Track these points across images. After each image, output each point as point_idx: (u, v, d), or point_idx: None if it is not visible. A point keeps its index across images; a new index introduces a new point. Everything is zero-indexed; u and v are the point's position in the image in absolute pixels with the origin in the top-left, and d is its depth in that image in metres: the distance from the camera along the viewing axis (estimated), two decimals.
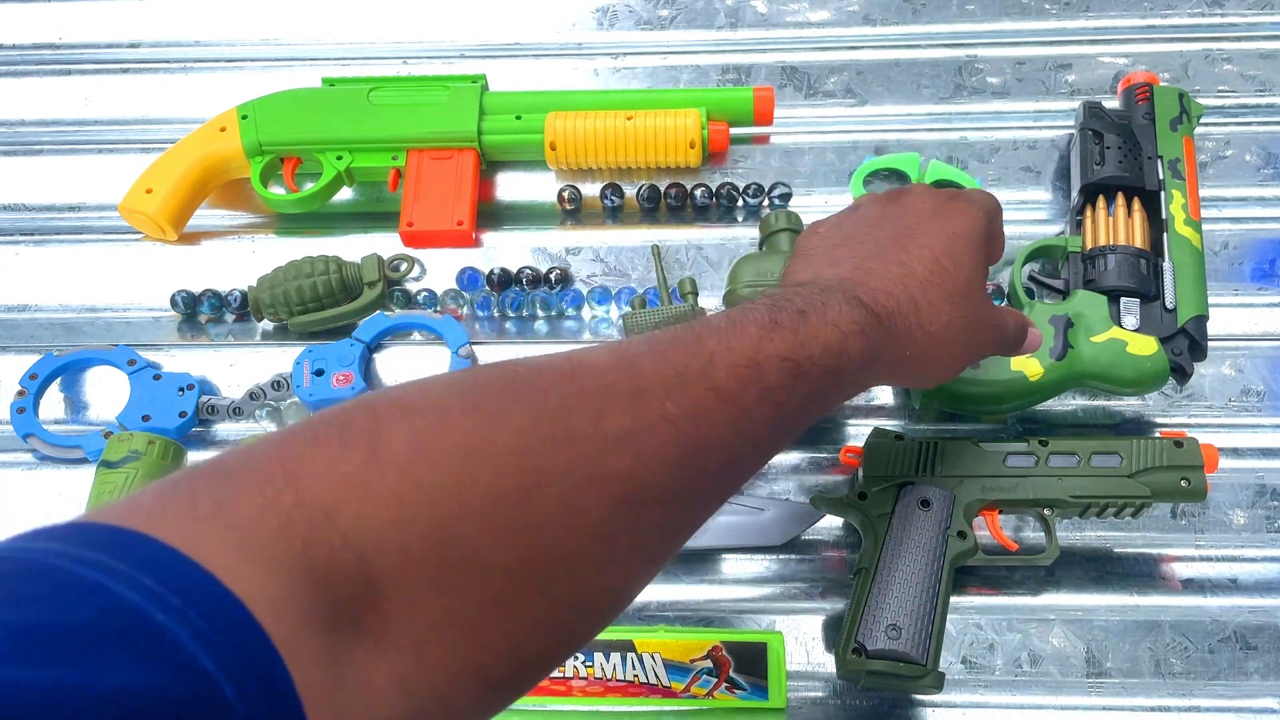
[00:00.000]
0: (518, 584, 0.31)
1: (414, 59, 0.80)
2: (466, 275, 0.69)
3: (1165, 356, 0.59)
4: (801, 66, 0.78)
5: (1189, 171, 0.64)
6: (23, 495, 0.65)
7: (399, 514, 0.29)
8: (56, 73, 0.81)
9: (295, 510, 0.28)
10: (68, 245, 0.74)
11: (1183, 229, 0.62)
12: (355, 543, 0.28)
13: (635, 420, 0.34)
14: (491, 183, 0.75)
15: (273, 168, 0.73)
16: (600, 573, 0.34)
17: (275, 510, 0.28)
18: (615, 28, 0.80)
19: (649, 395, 0.35)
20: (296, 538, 0.28)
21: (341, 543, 0.28)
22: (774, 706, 0.55)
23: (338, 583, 0.28)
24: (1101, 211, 0.64)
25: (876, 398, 0.65)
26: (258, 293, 0.68)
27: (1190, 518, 0.61)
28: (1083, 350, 0.60)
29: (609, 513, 0.33)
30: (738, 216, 0.72)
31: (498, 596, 0.31)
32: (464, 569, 0.30)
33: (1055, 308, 0.62)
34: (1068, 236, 0.65)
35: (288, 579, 0.27)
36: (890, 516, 0.56)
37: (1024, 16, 0.78)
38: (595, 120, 0.71)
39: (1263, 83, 0.74)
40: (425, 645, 0.30)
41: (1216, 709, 0.56)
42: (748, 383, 0.37)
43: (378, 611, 0.29)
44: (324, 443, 0.30)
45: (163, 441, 0.62)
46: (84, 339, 0.70)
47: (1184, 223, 0.62)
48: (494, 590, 0.31)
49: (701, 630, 0.57)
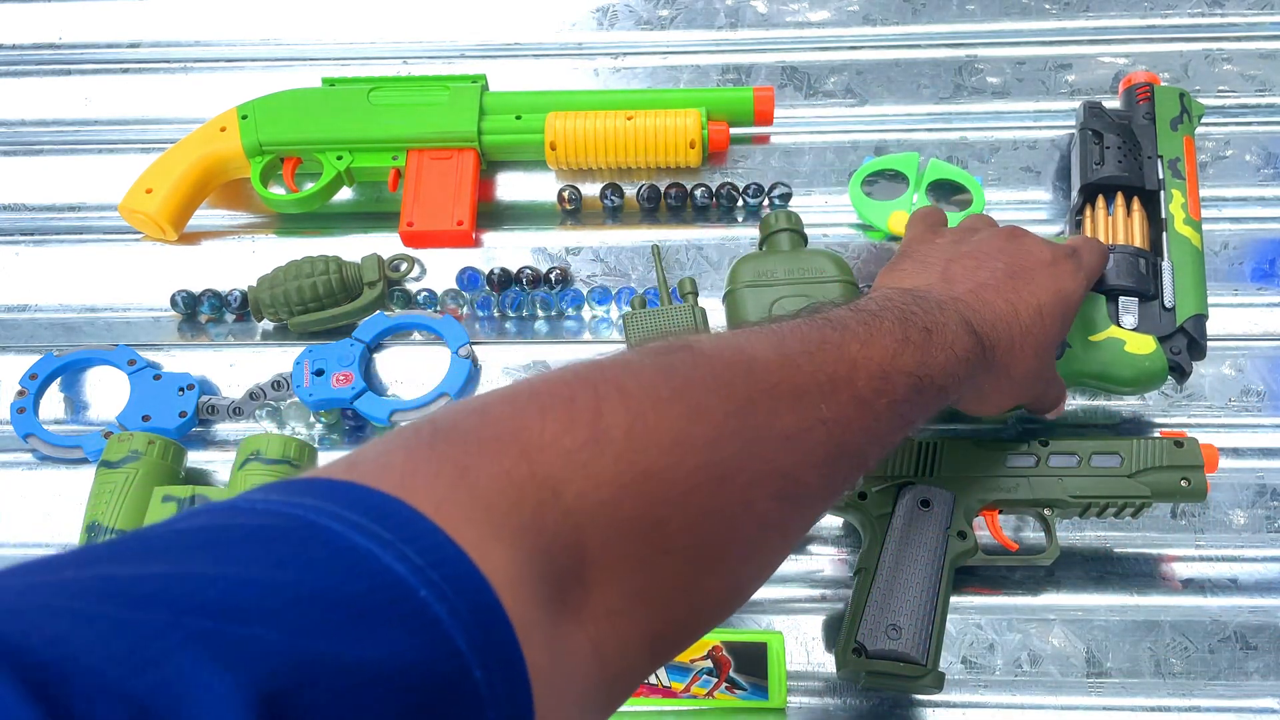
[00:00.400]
0: (697, 565, 0.34)
1: (414, 59, 0.80)
2: (466, 275, 0.69)
3: (1164, 355, 0.59)
4: (801, 66, 0.78)
5: (1189, 171, 0.64)
6: (23, 495, 0.65)
7: (614, 494, 0.31)
8: (56, 73, 0.81)
9: (528, 484, 0.29)
10: (68, 245, 0.74)
11: (1182, 228, 0.62)
12: (574, 519, 0.30)
13: (798, 420, 0.36)
14: (491, 183, 0.75)
15: (273, 168, 0.73)
16: (758, 559, 0.37)
17: (512, 482, 0.29)
18: (615, 28, 0.80)
19: (808, 397, 0.37)
20: (528, 511, 0.29)
21: (563, 519, 0.30)
22: (774, 706, 0.55)
23: (557, 557, 0.29)
24: (1101, 211, 0.64)
25: None
26: (258, 293, 0.68)
27: (1190, 518, 0.61)
28: (1080, 349, 0.60)
29: (774, 505, 0.36)
30: (738, 216, 0.72)
31: (680, 574, 0.33)
32: (658, 549, 0.32)
33: None
34: (1067, 237, 0.65)
35: (521, 555, 0.28)
36: (890, 516, 0.56)
37: (1024, 16, 0.78)
38: (595, 120, 0.71)
39: (1263, 83, 0.74)
40: (618, 617, 0.31)
41: (1216, 709, 0.56)
42: (881, 393, 0.39)
43: (584, 585, 0.30)
44: (552, 416, 0.32)
45: (163, 441, 0.62)
46: (84, 339, 0.70)
47: (1184, 222, 0.62)
48: (678, 569, 0.33)
49: None
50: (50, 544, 0.63)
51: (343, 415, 0.67)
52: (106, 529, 0.58)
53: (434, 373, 0.67)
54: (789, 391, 0.37)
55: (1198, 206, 0.63)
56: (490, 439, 0.30)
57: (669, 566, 0.33)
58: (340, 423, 0.67)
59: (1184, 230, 0.62)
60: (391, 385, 0.68)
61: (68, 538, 0.62)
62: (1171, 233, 0.62)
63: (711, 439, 0.34)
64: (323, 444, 0.66)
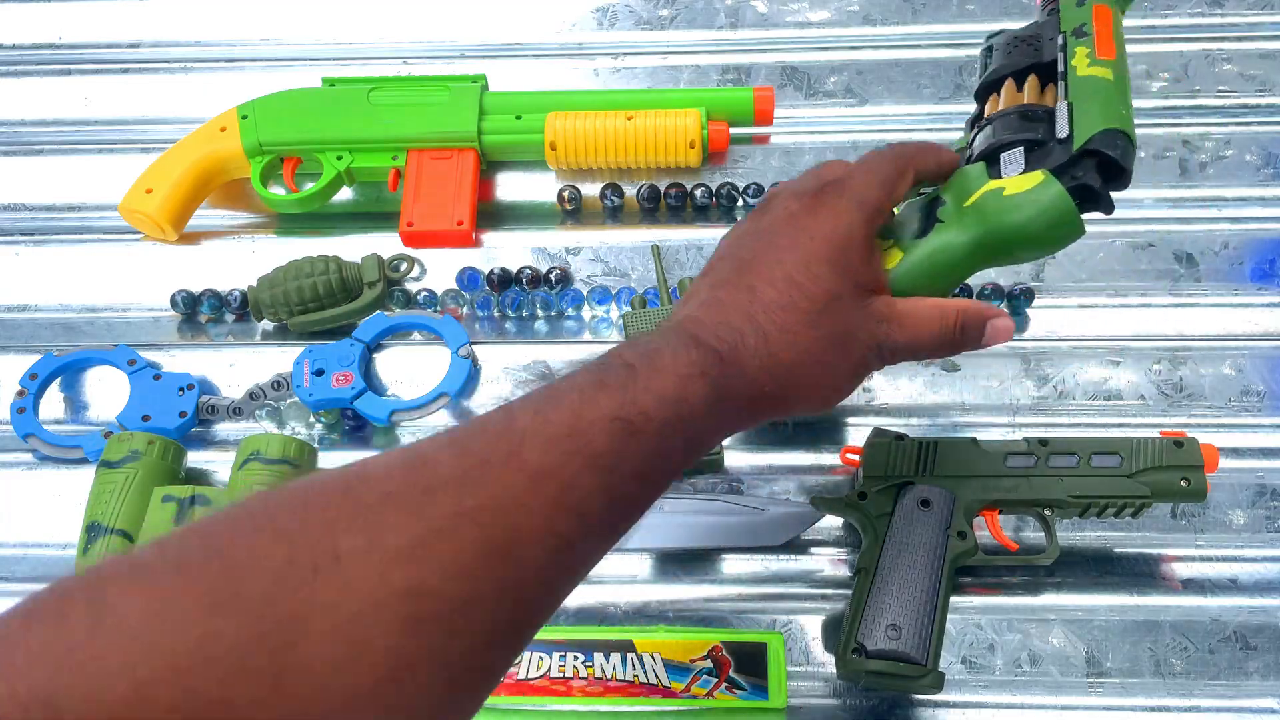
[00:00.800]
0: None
1: (414, 59, 0.80)
2: (466, 275, 0.69)
3: (1058, 183, 0.44)
4: (801, 66, 0.78)
5: (1099, 29, 0.50)
6: (23, 495, 0.65)
7: (137, 685, 0.26)
8: (56, 73, 0.81)
9: (7, 705, 0.24)
10: (68, 245, 0.74)
11: (1088, 70, 0.48)
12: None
13: (423, 524, 0.31)
14: (491, 183, 0.75)
15: (273, 168, 0.73)
16: (402, 708, 0.30)
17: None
18: (615, 28, 0.80)
19: (441, 492, 0.32)
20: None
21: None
22: (774, 706, 0.55)
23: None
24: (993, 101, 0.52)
25: (877, 397, 0.65)
26: (258, 293, 0.68)
27: (1190, 518, 0.61)
28: (956, 223, 0.46)
29: (399, 637, 0.29)
30: (738, 216, 0.72)
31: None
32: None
33: (920, 198, 0.51)
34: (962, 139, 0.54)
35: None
36: (890, 516, 0.56)
37: (1024, 16, 0.78)
38: (595, 120, 0.71)
39: (1263, 83, 0.74)
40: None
41: (1216, 709, 0.56)
42: (569, 454, 0.34)
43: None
44: (39, 619, 0.27)
45: (163, 441, 0.62)
46: (84, 339, 0.70)
47: (1089, 65, 0.48)
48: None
49: (701, 630, 0.57)
50: (50, 544, 0.63)
51: (343, 415, 0.67)
52: (106, 529, 0.58)
53: (434, 373, 0.67)
54: (412, 496, 0.31)
55: (1110, 48, 0.50)
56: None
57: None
58: (340, 423, 0.67)
59: (1090, 70, 0.48)
60: (391, 385, 0.68)
61: (68, 538, 0.62)
62: (1072, 79, 0.48)
63: (268, 589, 0.28)
64: (323, 444, 0.66)
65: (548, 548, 0.33)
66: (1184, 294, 0.68)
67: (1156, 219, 0.70)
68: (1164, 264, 0.69)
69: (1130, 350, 0.66)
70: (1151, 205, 0.71)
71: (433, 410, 0.65)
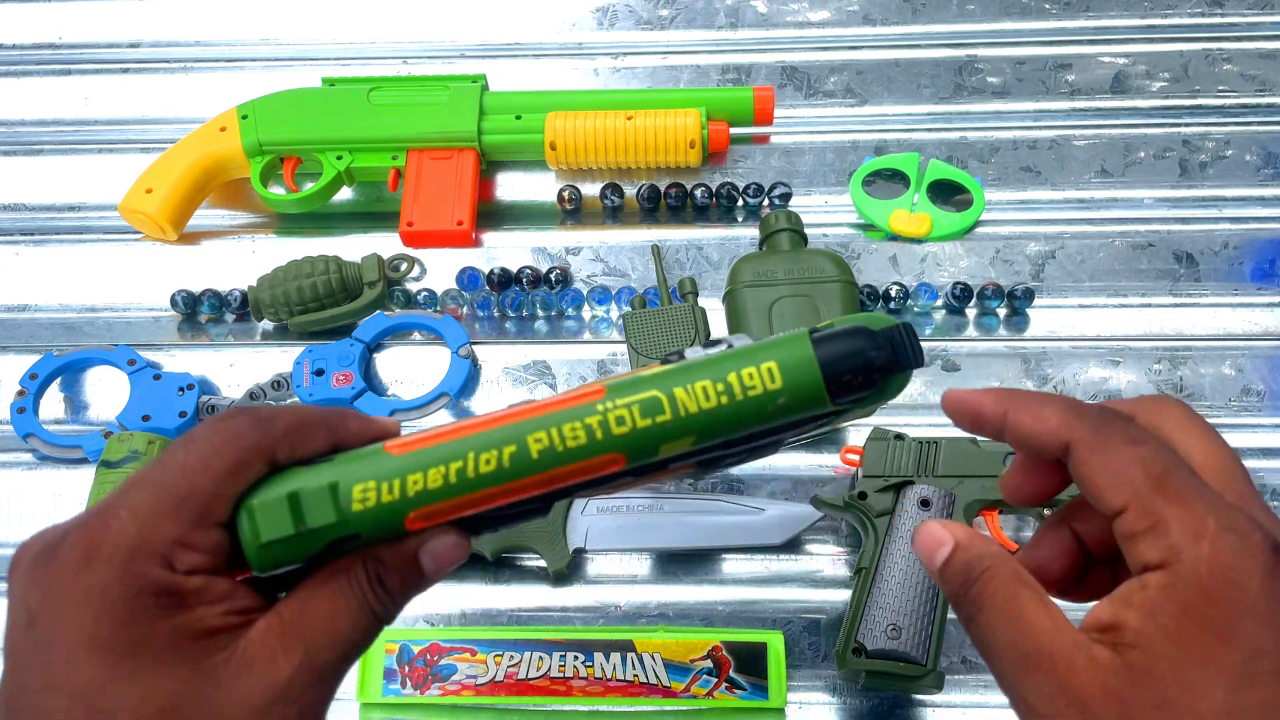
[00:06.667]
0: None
1: (414, 59, 0.80)
2: (466, 275, 0.69)
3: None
4: (801, 66, 0.78)
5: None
6: (23, 495, 0.65)
7: None
8: (56, 73, 0.81)
9: None
10: (68, 245, 0.74)
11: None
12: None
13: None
14: (491, 183, 0.75)
15: (273, 168, 0.73)
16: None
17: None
18: (615, 28, 0.80)
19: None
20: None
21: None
22: (774, 706, 0.55)
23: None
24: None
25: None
26: (258, 293, 0.68)
27: None
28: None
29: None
30: (738, 216, 0.72)
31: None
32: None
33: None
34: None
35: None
36: (890, 516, 0.56)
37: (1024, 16, 0.78)
38: (595, 120, 0.71)
39: (1263, 83, 0.74)
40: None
41: None
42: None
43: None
44: None
45: (163, 441, 0.62)
46: (84, 339, 0.70)
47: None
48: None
49: (701, 630, 0.57)
50: None
51: None
52: None
53: (434, 373, 0.67)
54: None
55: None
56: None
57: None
58: None
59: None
60: (391, 385, 0.68)
61: None
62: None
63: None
64: None
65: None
66: (1184, 294, 0.68)
67: (1156, 219, 0.70)
68: (1164, 264, 0.69)
69: (1130, 350, 0.66)
70: (1151, 205, 0.71)
71: (433, 410, 0.65)
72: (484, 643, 0.57)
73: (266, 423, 0.32)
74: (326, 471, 0.31)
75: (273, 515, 0.31)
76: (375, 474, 0.31)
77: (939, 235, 0.70)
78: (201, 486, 0.30)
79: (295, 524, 0.31)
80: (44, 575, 0.30)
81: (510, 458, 0.31)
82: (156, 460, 0.31)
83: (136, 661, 0.29)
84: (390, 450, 0.32)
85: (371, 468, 0.31)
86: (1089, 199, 0.71)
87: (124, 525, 0.29)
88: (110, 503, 0.30)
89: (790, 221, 0.66)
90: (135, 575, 0.29)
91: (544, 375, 0.67)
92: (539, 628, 0.58)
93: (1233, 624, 0.27)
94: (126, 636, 0.29)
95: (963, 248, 0.70)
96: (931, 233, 0.70)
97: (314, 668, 0.31)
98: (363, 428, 0.34)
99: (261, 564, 0.31)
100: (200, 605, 0.30)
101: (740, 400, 0.32)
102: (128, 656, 0.29)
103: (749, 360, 0.32)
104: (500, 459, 0.31)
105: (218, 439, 0.31)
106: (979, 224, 0.71)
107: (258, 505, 0.31)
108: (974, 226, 0.70)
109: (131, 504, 0.30)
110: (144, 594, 0.29)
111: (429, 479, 0.31)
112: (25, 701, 0.29)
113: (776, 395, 0.32)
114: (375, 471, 0.31)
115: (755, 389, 0.32)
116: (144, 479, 0.31)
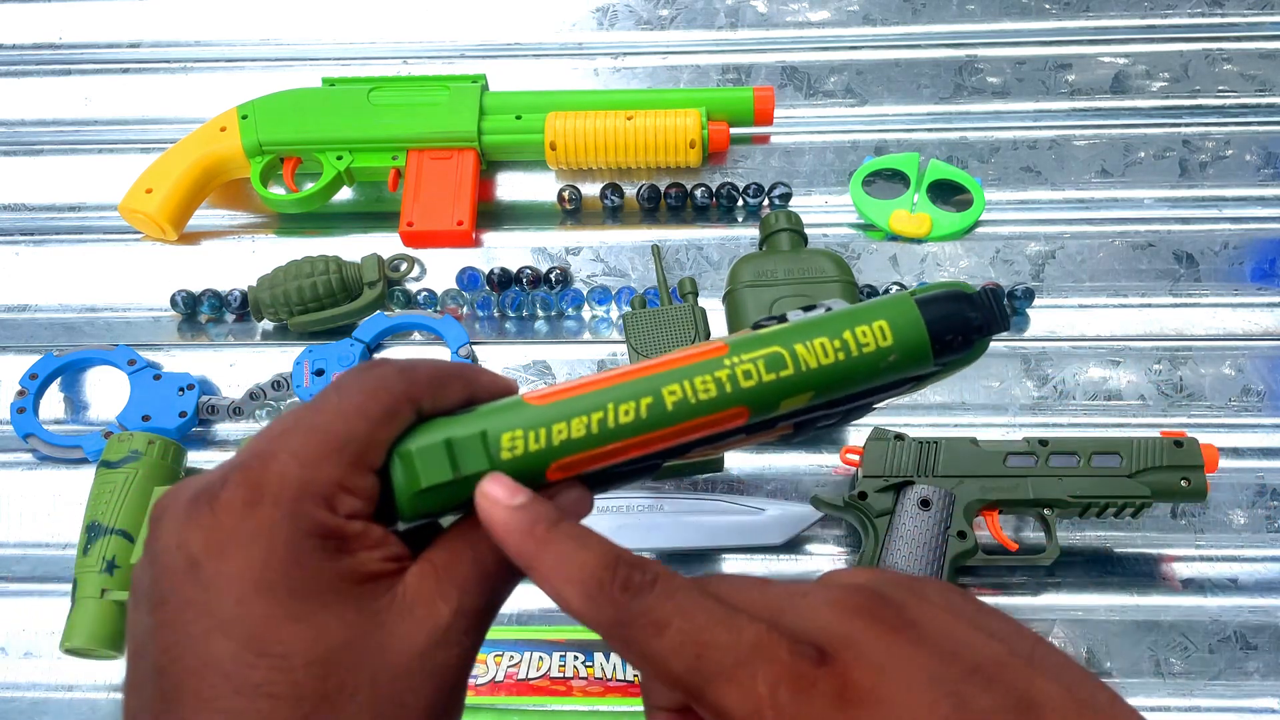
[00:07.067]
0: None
1: (414, 59, 0.80)
2: (466, 275, 0.69)
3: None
4: (801, 66, 0.78)
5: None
6: (23, 495, 0.65)
7: None
8: (56, 73, 0.81)
9: None
10: (68, 245, 0.74)
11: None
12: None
13: None
14: (491, 183, 0.75)
15: (273, 168, 0.73)
16: None
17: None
18: (615, 28, 0.80)
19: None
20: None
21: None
22: None
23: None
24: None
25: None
26: (258, 293, 0.68)
27: (1190, 518, 0.61)
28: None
29: None
30: (738, 216, 0.72)
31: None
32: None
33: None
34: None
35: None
36: (890, 516, 0.56)
37: (1024, 16, 0.78)
38: (595, 120, 0.71)
39: (1263, 83, 0.74)
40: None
41: (1216, 709, 0.56)
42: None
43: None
44: None
45: (163, 441, 0.62)
46: (84, 339, 0.70)
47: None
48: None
49: None
50: (50, 544, 0.64)
51: None
52: (106, 529, 0.58)
53: None
54: None
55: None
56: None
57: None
58: None
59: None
60: None
61: (68, 538, 0.62)
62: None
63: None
64: None
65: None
66: (1184, 294, 0.68)
67: (1156, 219, 0.70)
68: (1164, 264, 0.69)
69: (1130, 350, 0.66)
70: (1151, 205, 0.71)
71: None
72: (484, 642, 0.57)
73: (411, 371, 0.32)
74: (474, 421, 0.32)
75: (432, 461, 0.31)
76: (523, 423, 0.32)
77: (939, 235, 0.70)
78: (359, 431, 0.30)
79: (453, 469, 0.31)
80: (206, 518, 0.29)
81: (648, 409, 0.32)
82: (307, 405, 0.31)
83: (305, 604, 0.29)
84: (531, 401, 0.33)
85: (518, 417, 0.32)
86: (1089, 199, 0.71)
87: (286, 467, 0.29)
88: (264, 447, 0.30)
89: (790, 221, 0.66)
90: (302, 517, 0.29)
91: (544, 375, 0.67)
92: (539, 628, 0.58)
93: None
94: (296, 578, 0.29)
95: (963, 248, 0.70)
96: (931, 233, 0.70)
97: (468, 613, 0.31)
98: (493, 382, 0.34)
99: (414, 511, 0.31)
100: (361, 550, 0.30)
101: (856, 357, 0.33)
102: (297, 598, 0.29)
103: (862, 319, 0.34)
104: (638, 410, 0.32)
105: (370, 384, 0.31)
106: (979, 224, 0.71)
107: (416, 451, 0.31)
108: (974, 226, 0.70)
109: (291, 447, 0.30)
110: (311, 536, 0.29)
111: (573, 428, 0.32)
112: (187, 651, 0.28)
113: (888, 352, 0.34)
114: (522, 420, 0.32)
115: (869, 346, 0.33)
116: (297, 423, 0.30)
